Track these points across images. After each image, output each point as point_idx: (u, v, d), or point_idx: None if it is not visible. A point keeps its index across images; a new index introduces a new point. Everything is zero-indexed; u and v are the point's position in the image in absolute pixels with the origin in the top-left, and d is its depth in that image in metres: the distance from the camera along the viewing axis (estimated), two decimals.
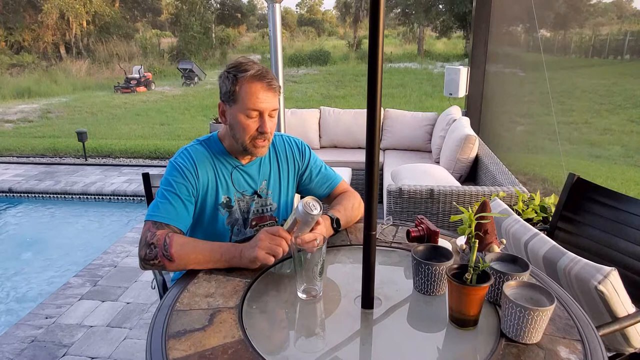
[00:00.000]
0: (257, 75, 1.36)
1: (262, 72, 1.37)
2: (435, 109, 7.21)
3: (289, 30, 34.68)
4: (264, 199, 1.53)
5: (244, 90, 1.35)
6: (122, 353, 2.34)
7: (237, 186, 1.48)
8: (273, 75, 1.40)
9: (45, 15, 21.39)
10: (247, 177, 1.50)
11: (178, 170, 1.40)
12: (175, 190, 1.37)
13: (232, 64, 1.40)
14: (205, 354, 0.94)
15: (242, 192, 1.49)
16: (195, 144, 1.47)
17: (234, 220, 1.49)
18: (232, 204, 1.47)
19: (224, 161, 1.47)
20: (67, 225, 4.60)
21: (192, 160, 1.42)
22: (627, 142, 5.73)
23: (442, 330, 1.04)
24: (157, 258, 1.26)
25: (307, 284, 1.14)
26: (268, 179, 1.54)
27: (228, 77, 1.38)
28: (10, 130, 9.43)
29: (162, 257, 1.25)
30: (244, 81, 1.35)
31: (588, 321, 1.05)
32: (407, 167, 3.38)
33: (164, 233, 1.28)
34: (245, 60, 1.40)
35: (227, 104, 1.41)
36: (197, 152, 1.44)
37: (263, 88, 1.36)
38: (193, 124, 9.87)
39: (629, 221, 1.77)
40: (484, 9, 4.57)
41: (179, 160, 1.42)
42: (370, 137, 0.97)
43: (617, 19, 7.75)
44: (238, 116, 1.37)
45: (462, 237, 1.43)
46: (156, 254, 1.26)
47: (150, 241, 1.27)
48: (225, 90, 1.39)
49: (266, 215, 1.55)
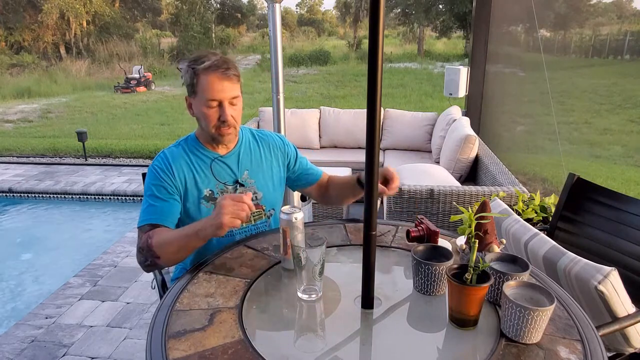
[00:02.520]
0: (212, 65, 1.39)
1: (217, 62, 1.39)
2: (435, 109, 7.21)
3: (289, 30, 34.69)
4: (248, 188, 1.55)
5: (202, 82, 1.39)
6: (122, 353, 2.34)
7: (218, 177, 1.51)
8: (232, 64, 1.43)
9: (45, 15, 21.38)
10: (226, 167, 1.52)
11: (154, 173, 1.45)
12: (154, 192, 1.42)
13: (191, 57, 1.43)
14: (205, 354, 0.94)
15: (224, 182, 1.52)
16: (172, 146, 1.53)
17: None
18: (215, 196, 1.50)
19: (201, 155, 1.50)
20: (67, 225, 4.60)
21: (166, 161, 1.47)
22: (627, 142, 5.73)
23: (442, 330, 1.04)
24: (148, 260, 1.33)
25: (307, 284, 1.14)
26: (249, 168, 1.56)
27: (188, 71, 1.41)
28: (10, 130, 9.42)
29: (152, 257, 1.31)
30: (200, 73, 1.39)
31: (588, 321, 1.05)
32: (407, 167, 3.38)
33: (146, 235, 1.34)
34: (204, 52, 1.43)
35: (191, 97, 1.45)
36: (172, 152, 1.49)
37: (219, 78, 1.39)
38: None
39: (629, 221, 1.77)
40: (484, 9, 4.57)
41: (155, 164, 1.47)
42: (370, 137, 0.97)
43: (617, 19, 7.75)
44: (200, 107, 1.43)
45: (462, 237, 1.43)
46: (146, 257, 1.32)
47: (139, 246, 1.34)
48: (187, 84, 1.43)
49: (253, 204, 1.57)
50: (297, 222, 1.26)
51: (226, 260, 1.35)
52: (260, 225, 1.58)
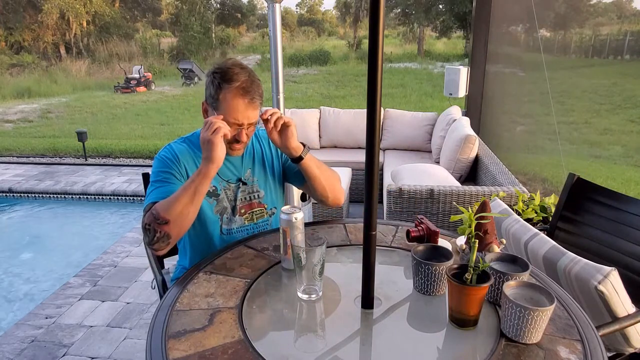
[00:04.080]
0: (241, 89, 1.36)
1: (246, 85, 1.36)
2: (435, 109, 7.21)
3: (289, 30, 34.69)
4: (250, 186, 1.55)
5: (227, 101, 1.36)
6: (122, 353, 2.34)
7: (222, 175, 1.51)
8: (257, 85, 1.40)
9: (45, 15, 21.38)
10: (230, 165, 1.52)
11: (161, 161, 1.45)
12: (161, 177, 1.41)
13: (219, 68, 1.39)
14: (205, 354, 0.94)
15: (227, 180, 1.51)
16: (178, 141, 1.52)
17: (222, 208, 1.51)
18: (218, 192, 1.50)
19: None
20: (67, 225, 4.60)
21: (173, 152, 1.46)
22: (627, 142, 5.73)
23: (442, 330, 1.04)
24: (157, 232, 1.27)
25: (307, 284, 1.14)
26: (252, 167, 1.56)
27: (213, 82, 1.38)
28: (10, 130, 9.43)
29: (159, 226, 1.27)
30: (227, 93, 1.36)
31: (588, 321, 1.05)
32: (407, 167, 3.38)
33: (149, 210, 1.31)
34: (232, 65, 1.39)
35: (209, 106, 1.43)
36: (178, 147, 1.49)
37: (245, 104, 1.37)
38: (193, 124, 9.86)
39: (629, 221, 1.77)
40: (484, 9, 4.57)
41: (161, 154, 1.47)
42: (370, 137, 0.97)
43: (617, 19, 7.75)
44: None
45: (462, 237, 1.43)
46: (154, 229, 1.27)
47: (145, 223, 1.30)
48: (209, 94, 1.41)
49: (254, 202, 1.57)
50: (297, 222, 1.26)
51: (226, 260, 1.35)
52: (261, 224, 1.58)
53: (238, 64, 1.41)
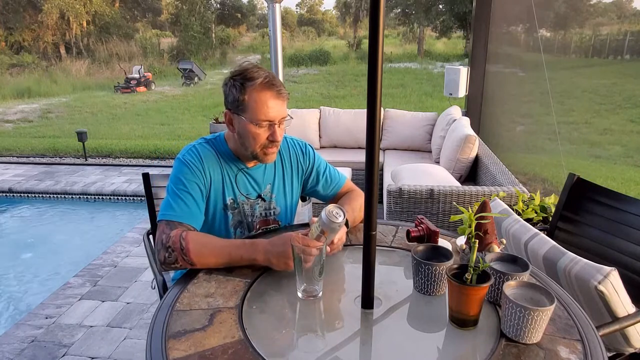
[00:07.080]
0: (266, 83, 1.32)
1: (269, 79, 1.33)
2: (435, 109, 7.21)
3: (289, 30, 34.65)
4: (268, 203, 1.52)
5: (253, 99, 1.32)
6: (122, 353, 2.33)
7: (242, 189, 1.47)
8: (280, 81, 1.37)
9: (45, 15, 21.39)
10: (251, 180, 1.48)
11: (187, 166, 1.37)
12: (186, 187, 1.35)
13: (237, 71, 1.35)
14: (205, 354, 0.94)
15: (246, 195, 1.48)
16: (202, 142, 1.45)
17: (238, 222, 1.49)
18: (236, 206, 1.46)
19: (230, 163, 1.45)
20: (67, 225, 4.60)
21: (199, 157, 1.39)
22: (627, 142, 5.72)
23: (442, 330, 1.04)
24: (177, 262, 1.25)
25: (307, 284, 1.14)
26: (272, 182, 1.53)
27: (235, 86, 1.34)
28: (10, 130, 9.43)
29: (183, 261, 1.24)
30: (252, 90, 1.32)
31: (588, 321, 1.05)
32: (407, 167, 3.38)
33: (178, 234, 1.26)
34: (250, 66, 1.36)
35: (234, 113, 1.37)
36: (204, 150, 1.42)
37: (273, 96, 1.33)
38: (193, 124, 9.87)
39: (629, 221, 1.77)
40: (484, 9, 4.57)
41: (187, 157, 1.39)
42: (370, 137, 0.97)
43: (617, 19, 7.74)
44: (248, 126, 1.35)
45: (462, 237, 1.43)
46: (176, 258, 1.24)
47: (167, 244, 1.25)
48: (233, 99, 1.35)
49: (270, 219, 1.54)
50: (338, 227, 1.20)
51: None
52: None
53: (253, 64, 1.38)
